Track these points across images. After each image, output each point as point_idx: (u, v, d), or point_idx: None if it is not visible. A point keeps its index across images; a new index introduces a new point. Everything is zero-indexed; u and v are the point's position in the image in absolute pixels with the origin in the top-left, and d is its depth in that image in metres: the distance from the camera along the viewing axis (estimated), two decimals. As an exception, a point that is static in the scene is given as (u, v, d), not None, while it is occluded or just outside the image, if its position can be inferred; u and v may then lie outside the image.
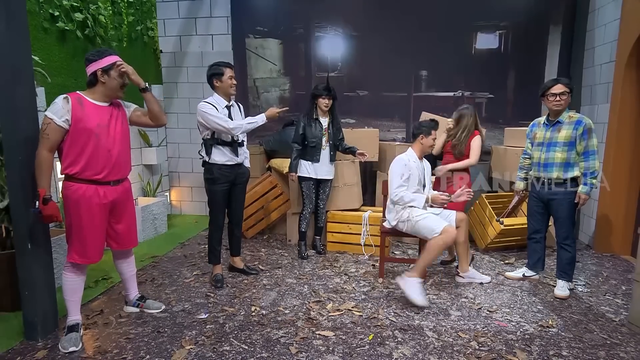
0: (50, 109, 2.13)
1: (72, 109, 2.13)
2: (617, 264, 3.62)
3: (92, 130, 2.17)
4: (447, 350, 2.25)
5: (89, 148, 2.18)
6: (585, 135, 2.77)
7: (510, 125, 4.47)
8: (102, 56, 2.21)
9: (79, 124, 2.14)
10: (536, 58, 4.54)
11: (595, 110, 4.07)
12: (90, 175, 2.20)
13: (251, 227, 4.30)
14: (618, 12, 3.67)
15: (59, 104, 2.13)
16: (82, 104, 2.17)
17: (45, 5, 3.51)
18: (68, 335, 2.28)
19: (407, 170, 2.97)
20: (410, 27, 4.64)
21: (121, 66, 2.24)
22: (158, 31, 5.09)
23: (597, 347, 2.31)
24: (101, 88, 2.23)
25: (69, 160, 2.18)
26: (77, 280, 2.33)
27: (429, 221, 2.89)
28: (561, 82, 2.85)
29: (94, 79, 2.22)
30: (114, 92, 2.27)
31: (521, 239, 3.79)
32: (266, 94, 5.07)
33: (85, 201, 2.20)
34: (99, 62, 2.20)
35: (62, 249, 3.06)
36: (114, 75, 2.23)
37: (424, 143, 3.04)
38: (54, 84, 3.58)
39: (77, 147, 2.16)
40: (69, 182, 2.21)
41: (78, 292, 2.36)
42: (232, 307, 2.75)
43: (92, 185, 2.22)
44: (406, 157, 3.05)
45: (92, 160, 2.19)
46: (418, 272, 2.82)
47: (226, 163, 2.97)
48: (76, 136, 2.15)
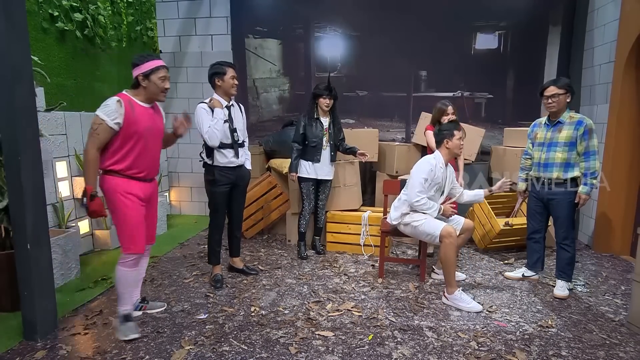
0: (103, 110, 2.20)
1: (125, 112, 2.22)
2: (616, 264, 3.62)
3: (141, 134, 2.28)
4: (447, 351, 2.25)
5: (137, 149, 2.29)
6: (586, 135, 2.77)
7: (510, 126, 4.48)
8: (144, 61, 2.30)
9: (131, 127, 2.24)
10: (535, 58, 4.54)
11: (594, 110, 4.08)
12: (133, 173, 2.31)
13: (251, 227, 4.29)
14: (617, 12, 3.67)
15: (112, 106, 2.20)
16: (133, 107, 2.27)
17: (45, 5, 3.51)
18: (126, 324, 2.37)
19: (432, 176, 2.89)
20: (409, 27, 4.65)
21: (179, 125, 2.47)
22: (157, 31, 5.09)
23: (596, 347, 2.31)
24: (143, 91, 2.33)
25: (116, 158, 2.27)
26: (134, 273, 2.42)
27: (427, 226, 2.89)
28: (554, 84, 2.85)
29: (136, 82, 2.32)
30: (155, 96, 2.36)
31: (521, 239, 3.79)
32: (265, 94, 5.07)
33: (128, 193, 2.29)
34: (140, 67, 2.29)
35: (61, 249, 3.07)
36: (154, 79, 2.30)
37: (450, 147, 2.92)
38: (53, 84, 3.58)
39: (126, 148, 2.26)
40: (112, 175, 2.28)
41: (133, 283, 2.47)
42: (232, 308, 2.75)
43: (133, 180, 2.32)
44: (434, 161, 2.93)
45: (138, 160, 2.31)
46: (451, 286, 2.80)
47: (227, 165, 2.97)
48: (126, 138, 2.25)
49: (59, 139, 3.50)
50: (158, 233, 4.44)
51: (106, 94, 4.36)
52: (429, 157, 3.00)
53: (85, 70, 4.05)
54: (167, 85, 2.37)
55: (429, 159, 2.96)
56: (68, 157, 3.61)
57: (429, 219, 2.91)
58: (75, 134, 3.69)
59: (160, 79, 2.32)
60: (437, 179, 2.91)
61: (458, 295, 2.75)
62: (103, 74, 4.32)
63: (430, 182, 2.90)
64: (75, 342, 2.33)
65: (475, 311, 2.70)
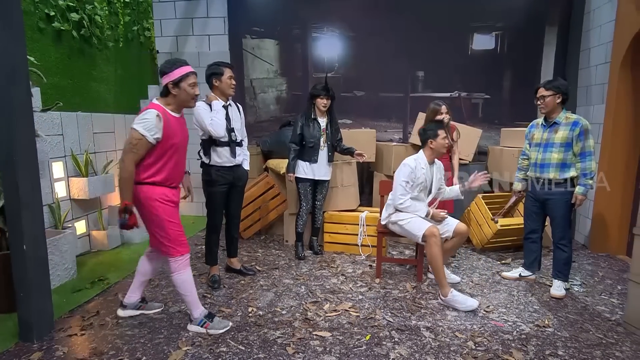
0: (142, 125, 2.14)
1: (163, 127, 2.19)
2: (612, 264, 3.64)
3: (177, 146, 2.30)
4: (444, 351, 2.26)
5: (172, 161, 2.30)
6: (582, 136, 2.79)
7: (507, 126, 4.49)
8: (173, 68, 2.24)
9: (168, 141, 2.23)
10: (532, 59, 4.56)
11: (590, 111, 4.10)
12: (168, 183, 2.32)
13: (248, 228, 4.29)
14: (613, 13, 3.69)
15: (152, 121, 2.15)
16: (169, 119, 2.24)
17: (41, 5, 3.50)
18: (215, 319, 2.45)
19: (413, 177, 2.94)
20: (407, 27, 4.66)
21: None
22: (154, 31, 5.08)
23: (592, 346, 2.32)
24: (173, 99, 2.29)
25: (151, 171, 2.25)
26: (189, 274, 2.42)
27: (411, 225, 2.93)
28: (543, 86, 2.89)
29: (166, 91, 2.27)
30: (186, 103, 2.32)
31: (517, 239, 3.80)
32: (263, 94, 5.07)
33: (167, 200, 2.31)
34: (169, 74, 2.23)
35: (58, 250, 3.05)
36: (184, 87, 2.25)
37: (434, 147, 2.96)
38: (49, 84, 3.57)
39: (162, 161, 2.26)
40: (147, 185, 2.25)
41: (194, 285, 2.45)
42: (229, 308, 2.75)
43: (166, 187, 2.32)
44: (414, 162, 2.97)
45: (173, 171, 2.33)
46: (443, 287, 2.81)
47: (224, 165, 2.96)
48: (164, 151, 2.24)
49: (55, 140, 3.48)
50: (155, 234, 4.43)
51: (103, 94, 4.37)
52: (409, 159, 3.02)
53: (82, 70, 4.04)
54: (197, 92, 2.33)
55: (409, 161, 2.99)
56: (64, 157, 3.59)
57: (415, 219, 2.94)
58: (72, 134, 3.67)
59: (190, 85, 2.27)
60: (419, 180, 2.95)
61: (451, 297, 2.76)
62: (100, 74, 4.30)
63: (412, 184, 2.94)
64: (71, 344, 2.32)
65: (472, 309, 2.70)
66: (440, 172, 3.11)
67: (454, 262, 3.65)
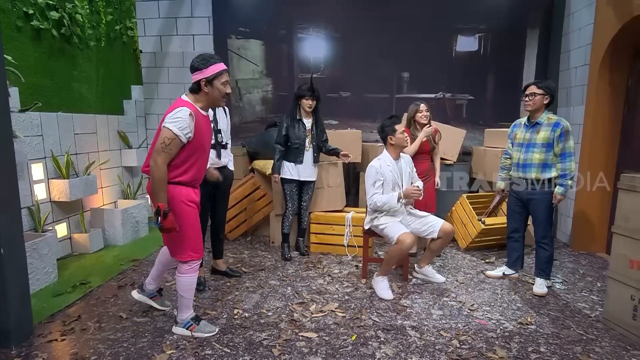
0: (176, 124, 2.06)
1: (195, 125, 2.13)
2: (592, 262, 3.72)
3: (205, 145, 2.27)
4: (429, 349, 2.27)
5: (201, 160, 2.27)
6: (562, 137, 2.83)
7: (490, 127, 4.56)
8: (207, 65, 2.17)
9: (198, 140, 2.18)
10: (514, 60, 4.64)
11: (571, 112, 4.18)
12: (194, 183, 2.29)
13: (234, 229, 4.26)
14: (592, 16, 3.78)
15: (186, 120, 2.08)
16: (199, 118, 2.18)
17: (19, 3, 3.42)
18: (201, 322, 2.42)
19: (380, 177, 2.98)
20: (392, 29, 4.69)
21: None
22: (138, 31, 5.00)
23: (573, 342, 2.37)
24: (204, 97, 2.22)
25: (180, 170, 2.18)
26: (194, 278, 2.38)
27: (388, 230, 2.96)
28: (535, 84, 2.92)
29: (197, 88, 2.20)
30: (217, 102, 2.27)
31: (501, 238, 3.85)
32: (248, 95, 5.04)
33: (190, 201, 2.25)
34: (203, 71, 2.16)
35: (37, 253, 2.98)
36: (217, 85, 2.20)
37: (394, 142, 3.00)
38: (28, 84, 3.48)
39: (191, 160, 2.20)
40: (173, 185, 2.19)
41: (194, 289, 2.42)
42: (214, 310, 2.72)
43: (190, 187, 2.27)
44: (377, 163, 3.02)
45: (200, 170, 2.30)
46: (382, 272, 3.03)
47: (209, 166, 2.93)
48: (193, 150, 2.18)
49: (34, 141, 3.40)
50: (140, 235, 4.38)
51: (85, 94, 4.28)
52: (373, 160, 3.07)
53: (62, 70, 3.95)
54: (229, 90, 2.27)
55: (373, 162, 3.05)
56: (44, 159, 3.51)
57: (393, 224, 2.96)
58: (52, 135, 3.59)
59: (223, 84, 2.22)
60: (388, 177, 2.99)
61: (379, 279, 3.00)
62: (81, 74, 4.22)
63: (381, 183, 2.99)
64: (52, 349, 2.27)
65: (386, 298, 2.89)
66: (410, 166, 3.13)
67: (439, 261, 3.68)
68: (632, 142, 3.62)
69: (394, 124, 2.99)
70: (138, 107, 5.01)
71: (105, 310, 2.73)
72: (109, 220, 4.06)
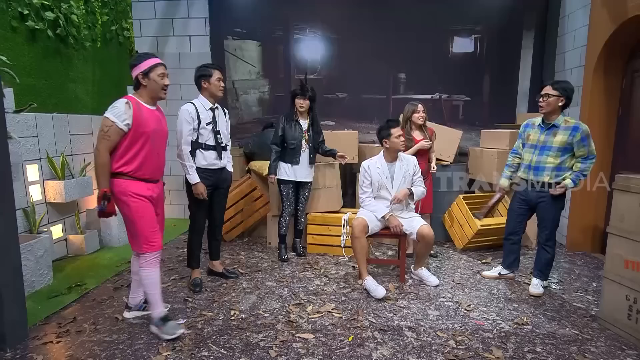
0: (112, 112, 2.22)
1: (134, 114, 2.24)
2: (588, 262, 3.74)
3: (149, 135, 2.31)
4: (426, 350, 2.28)
5: (145, 150, 2.31)
6: (584, 141, 2.75)
7: (486, 128, 4.57)
8: (141, 60, 2.32)
9: (139, 128, 2.27)
10: (510, 62, 4.66)
11: (566, 113, 4.17)
12: (141, 174, 2.33)
13: (231, 230, 4.25)
14: (587, 18, 3.80)
15: (121, 107, 2.22)
16: (140, 108, 2.29)
17: (14, 3, 3.40)
18: (168, 324, 2.39)
19: (367, 177, 3.13)
20: (388, 30, 4.70)
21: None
22: (134, 31, 4.99)
23: (569, 342, 2.38)
24: (145, 91, 2.34)
25: (124, 160, 2.28)
26: (155, 272, 2.40)
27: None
28: (551, 84, 2.80)
29: (137, 83, 2.33)
30: (156, 93, 2.36)
31: (498, 239, 3.86)
32: (245, 95, 5.04)
33: (139, 194, 2.31)
34: (138, 66, 2.30)
35: (32, 255, 2.96)
36: (153, 77, 2.31)
37: (389, 145, 3.08)
38: (23, 85, 3.47)
39: (134, 149, 2.28)
40: (120, 178, 2.29)
41: (159, 284, 2.43)
42: (211, 312, 2.71)
43: (141, 181, 2.34)
44: (367, 163, 3.16)
45: (146, 161, 2.33)
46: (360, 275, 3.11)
47: (208, 167, 2.94)
48: (135, 139, 2.27)
49: (29, 142, 3.38)
50: (135, 237, 4.35)
51: (80, 95, 4.27)
52: (366, 160, 3.22)
53: (58, 70, 3.94)
54: (167, 82, 2.38)
55: (364, 162, 3.19)
56: (39, 160, 3.49)
57: (363, 212, 3.15)
58: (47, 136, 3.57)
59: (159, 75, 2.33)
60: (374, 179, 3.11)
61: (365, 282, 3.01)
62: (77, 74, 4.20)
63: (369, 182, 3.13)
64: (47, 352, 2.25)
65: (379, 296, 2.88)
66: (406, 169, 3.14)
67: (435, 262, 3.69)
68: (626, 143, 3.64)
69: (390, 128, 3.06)
70: (134, 108, 4.98)
71: (101, 312, 2.71)
72: (105, 222, 4.04)
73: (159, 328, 2.39)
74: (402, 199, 3.06)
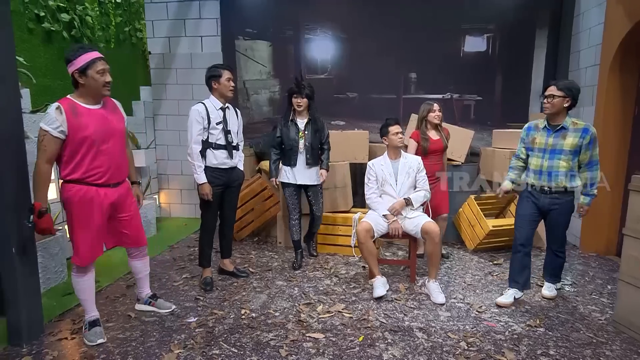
0: (44, 120, 2.06)
1: (66, 119, 2.06)
2: (602, 264, 3.68)
3: (90, 138, 2.13)
4: (437, 351, 2.26)
5: (90, 155, 2.15)
6: (591, 144, 2.61)
7: (498, 127, 4.53)
8: (77, 55, 2.08)
9: (77, 133, 2.09)
10: (523, 61, 4.60)
11: (580, 113, 4.14)
12: (93, 180, 2.18)
13: (242, 229, 4.27)
14: (602, 16, 3.74)
15: (52, 114, 2.05)
16: (76, 111, 2.10)
17: (31, 6, 3.47)
18: (92, 329, 2.35)
19: (372, 174, 3.17)
20: (399, 29, 4.68)
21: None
22: (147, 32, 5.04)
23: (583, 346, 2.34)
24: (84, 90, 2.15)
25: (70, 167, 2.14)
26: (82, 280, 2.32)
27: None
28: (555, 84, 2.63)
29: (74, 81, 2.14)
30: (98, 91, 2.16)
31: (509, 240, 3.81)
32: (256, 95, 5.06)
33: (85, 203, 2.18)
34: (74, 62, 2.09)
35: (47, 252, 3.02)
36: (92, 74, 2.10)
37: (389, 143, 3.13)
38: (39, 85, 3.53)
39: (78, 156, 2.13)
40: (69, 184, 2.17)
41: (88, 291, 2.37)
42: (222, 310, 2.73)
43: (92, 187, 2.19)
44: (372, 162, 3.22)
45: (94, 166, 2.17)
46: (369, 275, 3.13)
47: (219, 166, 2.95)
48: (75, 145, 2.11)
49: (45, 141, 3.44)
50: (148, 235, 4.40)
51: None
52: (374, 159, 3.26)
53: (73, 71, 4.00)
54: (108, 79, 2.15)
55: (370, 161, 3.25)
56: (55, 159, 3.55)
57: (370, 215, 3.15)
58: (62, 135, 3.63)
59: (99, 72, 2.11)
60: (378, 175, 3.14)
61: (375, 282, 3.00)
62: (91, 75, 4.26)
63: (374, 179, 3.16)
64: (61, 347, 2.30)
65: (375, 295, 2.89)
66: (410, 166, 3.11)
67: (446, 262, 3.67)
68: (643, 143, 3.57)
69: (388, 125, 3.11)
70: (147, 108, 5.05)
71: (113, 309, 2.75)
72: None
73: (84, 331, 2.38)
74: (398, 209, 3.06)
